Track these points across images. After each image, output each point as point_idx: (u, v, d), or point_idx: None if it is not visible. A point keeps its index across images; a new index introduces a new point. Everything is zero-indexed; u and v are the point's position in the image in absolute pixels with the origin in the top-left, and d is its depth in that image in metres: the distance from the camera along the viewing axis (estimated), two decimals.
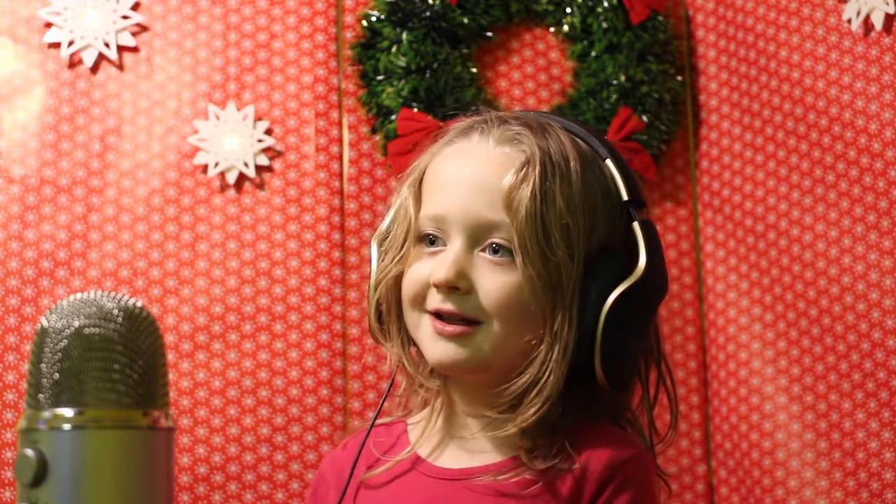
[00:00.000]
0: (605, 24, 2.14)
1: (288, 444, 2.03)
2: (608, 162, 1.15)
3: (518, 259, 1.09)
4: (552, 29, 2.20)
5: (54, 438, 0.80)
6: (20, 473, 0.80)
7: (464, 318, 1.11)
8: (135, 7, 2.12)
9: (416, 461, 1.17)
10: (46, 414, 0.80)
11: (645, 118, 2.12)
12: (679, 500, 2.08)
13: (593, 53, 2.15)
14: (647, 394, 1.20)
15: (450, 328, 1.11)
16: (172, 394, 1.91)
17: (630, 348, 1.12)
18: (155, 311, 2.02)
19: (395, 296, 1.17)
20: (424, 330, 1.13)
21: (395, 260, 1.16)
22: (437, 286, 1.11)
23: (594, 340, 1.09)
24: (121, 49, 2.11)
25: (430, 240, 1.14)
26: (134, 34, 2.11)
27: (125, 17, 2.10)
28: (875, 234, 1.86)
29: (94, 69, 2.10)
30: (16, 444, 1.00)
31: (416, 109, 2.07)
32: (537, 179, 1.09)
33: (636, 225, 1.13)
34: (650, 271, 1.11)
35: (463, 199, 1.12)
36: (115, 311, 0.82)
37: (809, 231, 1.95)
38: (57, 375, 0.80)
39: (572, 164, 1.12)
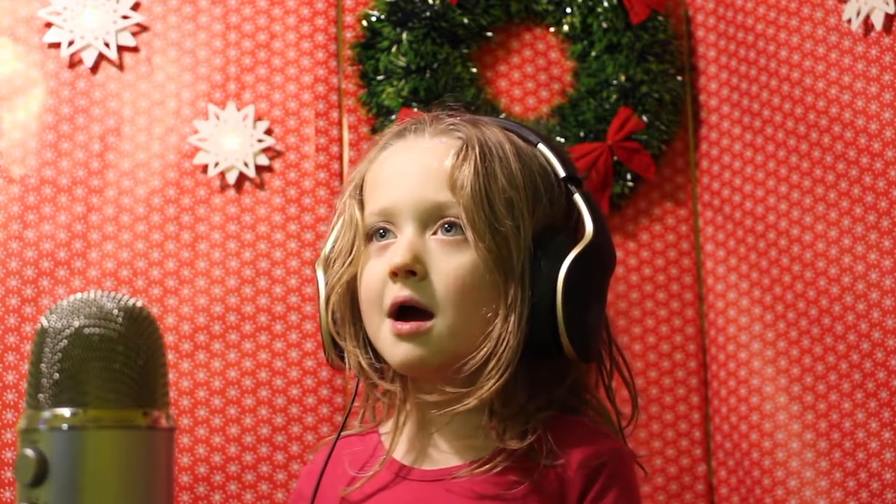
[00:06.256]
0: (605, 24, 2.14)
1: (288, 444, 2.03)
2: (540, 146, 1.18)
3: (469, 234, 1.11)
4: (552, 29, 2.20)
5: (54, 438, 0.80)
6: (20, 473, 0.80)
7: (419, 308, 1.11)
8: (135, 7, 2.12)
9: (400, 469, 1.16)
10: (46, 414, 0.80)
11: (645, 118, 2.12)
12: (679, 500, 2.08)
13: (593, 53, 2.15)
14: (603, 376, 1.20)
15: (407, 326, 1.11)
16: (172, 394, 1.91)
17: (591, 315, 1.13)
18: (155, 311, 2.01)
19: (347, 302, 1.17)
20: (384, 334, 1.13)
21: (346, 264, 1.16)
22: (394, 272, 1.11)
23: (553, 310, 1.09)
24: (121, 49, 2.11)
25: (380, 234, 1.15)
26: (134, 34, 2.11)
27: (125, 17, 2.10)
28: (875, 234, 1.86)
29: (94, 69, 2.10)
30: (16, 444, 1.00)
31: (416, 109, 2.07)
32: (477, 158, 1.12)
33: (577, 196, 1.16)
34: (598, 236, 1.13)
35: (408, 187, 1.14)
36: (116, 312, 0.82)
37: (809, 231, 1.95)
38: (57, 375, 0.80)
39: (507, 146, 1.15)
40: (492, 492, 1.10)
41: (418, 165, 1.15)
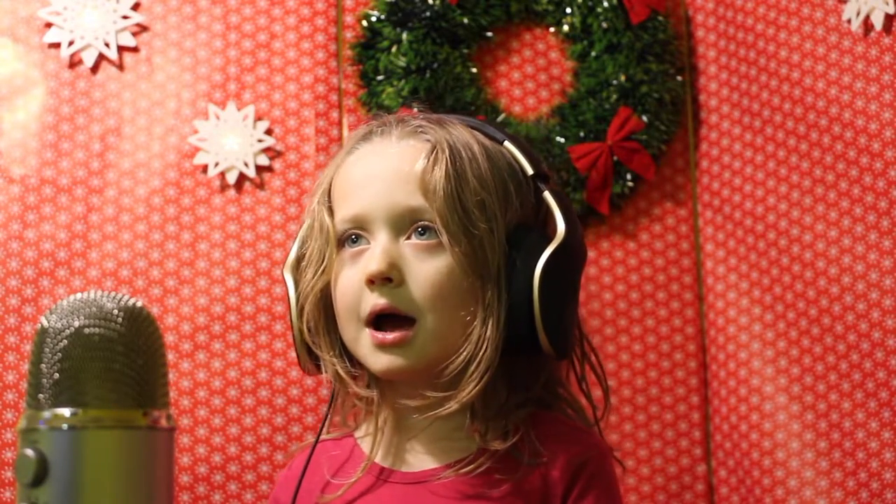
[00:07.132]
0: (605, 24, 2.14)
1: (288, 444, 2.03)
2: (507, 143, 1.18)
3: (444, 239, 1.10)
4: (552, 29, 2.20)
5: (54, 438, 0.80)
6: (20, 473, 0.80)
7: (399, 314, 1.10)
8: (135, 7, 2.12)
9: (381, 472, 1.16)
10: (46, 414, 0.80)
11: (645, 118, 2.12)
12: (679, 500, 2.08)
13: (593, 53, 2.15)
14: (576, 370, 1.20)
15: (390, 337, 1.10)
16: (172, 394, 1.91)
17: (567, 312, 1.13)
18: (155, 311, 2.02)
19: (322, 310, 1.16)
20: (364, 344, 1.13)
21: (318, 273, 1.15)
22: (370, 280, 1.10)
23: (530, 309, 1.09)
24: (121, 49, 2.11)
25: (352, 239, 1.14)
26: (134, 34, 2.11)
27: (125, 17, 2.10)
28: (875, 234, 1.86)
29: (94, 69, 2.10)
30: (16, 444, 1.00)
31: (416, 110, 2.07)
32: (448, 161, 1.12)
33: (547, 194, 1.15)
34: (570, 234, 1.13)
35: (379, 192, 1.13)
36: (116, 311, 0.82)
37: (809, 231, 1.95)
38: (57, 375, 0.80)
39: (475, 147, 1.15)
40: (474, 491, 1.10)
41: (388, 169, 1.14)
